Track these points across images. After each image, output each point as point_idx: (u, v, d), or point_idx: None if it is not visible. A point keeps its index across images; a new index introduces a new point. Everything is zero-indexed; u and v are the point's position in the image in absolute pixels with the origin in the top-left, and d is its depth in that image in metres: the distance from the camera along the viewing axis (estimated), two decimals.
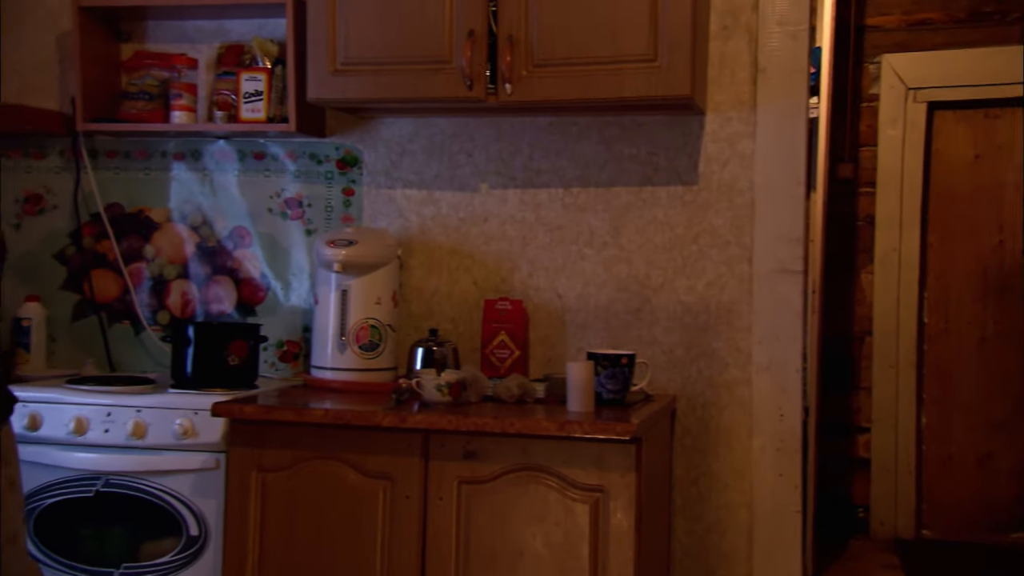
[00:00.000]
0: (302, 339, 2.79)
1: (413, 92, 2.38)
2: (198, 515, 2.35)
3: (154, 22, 2.80)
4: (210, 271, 2.85)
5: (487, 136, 2.68)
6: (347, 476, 2.20)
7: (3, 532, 1.80)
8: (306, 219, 2.79)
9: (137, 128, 2.72)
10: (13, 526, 1.83)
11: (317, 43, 2.41)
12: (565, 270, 2.65)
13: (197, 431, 2.35)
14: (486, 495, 2.14)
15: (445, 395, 2.27)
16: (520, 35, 2.30)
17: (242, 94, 2.62)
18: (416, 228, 2.73)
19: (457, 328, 2.69)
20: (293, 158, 2.79)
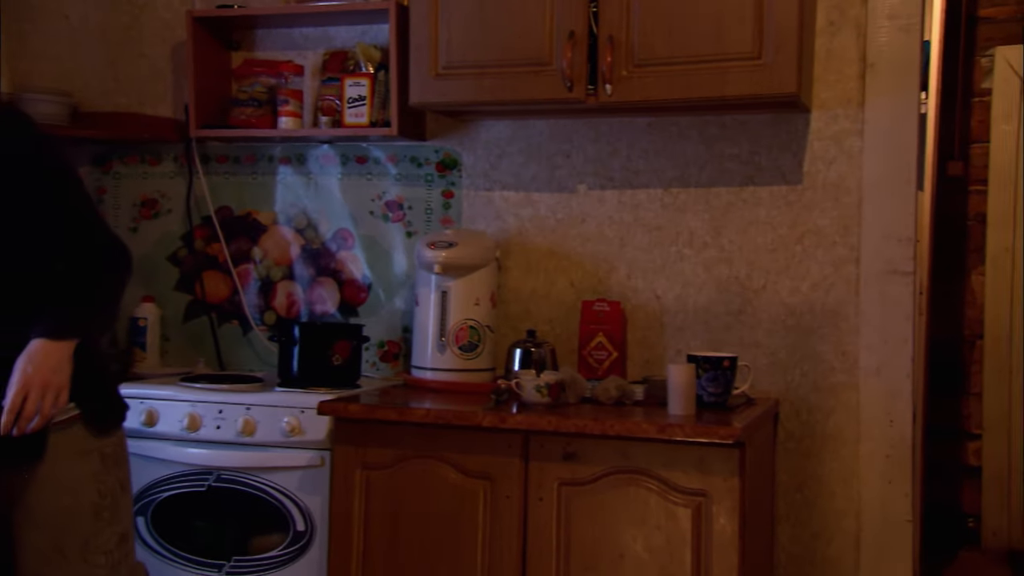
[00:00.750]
0: (402, 339, 2.84)
1: (513, 94, 2.39)
2: (304, 511, 2.41)
3: (263, 30, 2.89)
4: (314, 272, 2.92)
5: (585, 137, 2.68)
6: (448, 475, 2.23)
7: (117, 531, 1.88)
8: (406, 221, 2.84)
9: (246, 134, 2.80)
10: (125, 526, 1.91)
11: (419, 48, 2.44)
12: (664, 271, 2.62)
13: (303, 429, 2.41)
14: (586, 497, 2.14)
15: (544, 396, 2.28)
16: (621, 35, 2.29)
17: (346, 99, 2.68)
18: (514, 230, 2.75)
19: (554, 329, 2.69)
20: (394, 161, 2.84)
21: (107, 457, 1.88)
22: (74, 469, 1.82)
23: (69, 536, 1.82)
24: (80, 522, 1.83)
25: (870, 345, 2.45)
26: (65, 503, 1.81)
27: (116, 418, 1.93)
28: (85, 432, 1.84)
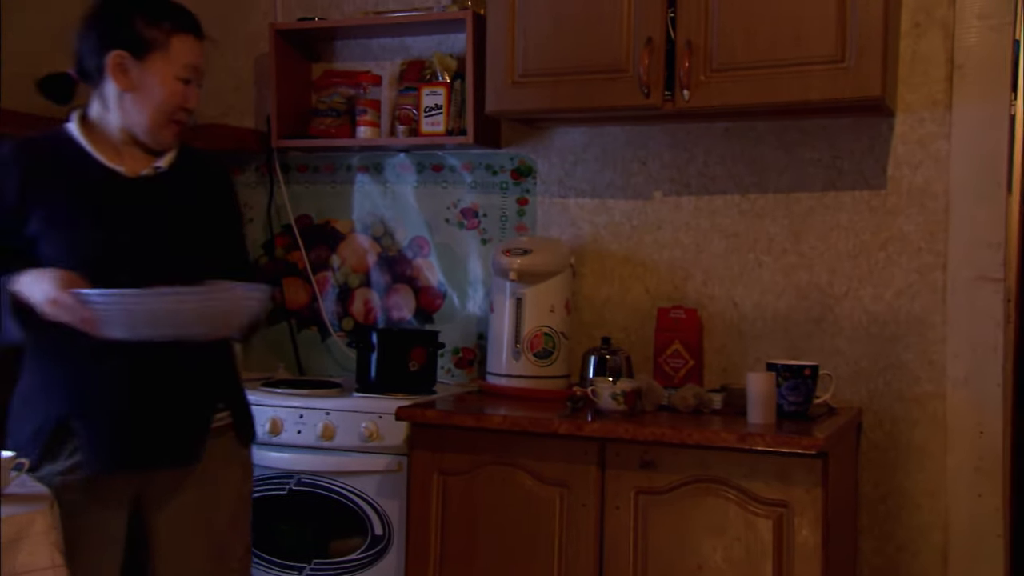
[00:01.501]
0: (477, 346, 2.86)
1: (589, 101, 2.39)
2: (382, 515, 2.44)
3: (342, 42, 2.94)
4: (390, 280, 2.96)
5: (661, 143, 2.66)
6: (524, 482, 2.23)
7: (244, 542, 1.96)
8: (481, 229, 2.86)
9: (325, 144, 2.86)
10: (249, 537, 1.99)
11: (496, 56, 2.46)
12: (742, 278, 2.59)
13: (381, 434, 2.44)
14: (664, 506, 2.12)
15: (620, 404, 2.27)
16: (699, 40, 2.27)
17: (423, 108, 2.71)
18: (589, 236, 2.74)
19: (629, 337, 2.68)
20: (469, 169, 2.86)
21: (246, 467, 1.97)
22: (221, 476, 1.89)
23: (210, 542, 1.88)
24: (219, 529, 1.89)
25: (958, 354, 2.38)
26: (210, 509, 1.88)
27: (254, 430, 2.01)
28: (234, 440, 1.93)
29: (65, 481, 1.74)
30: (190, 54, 1.83)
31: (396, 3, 2.85)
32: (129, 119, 1.81)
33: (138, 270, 1.76)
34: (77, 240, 1.77)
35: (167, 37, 1.80)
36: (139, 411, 1.78)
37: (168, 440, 1.81)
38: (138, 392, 1.78)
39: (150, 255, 1.80)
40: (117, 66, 1.78)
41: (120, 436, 1.77)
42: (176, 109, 1.83)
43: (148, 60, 1.79)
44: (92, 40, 1.81)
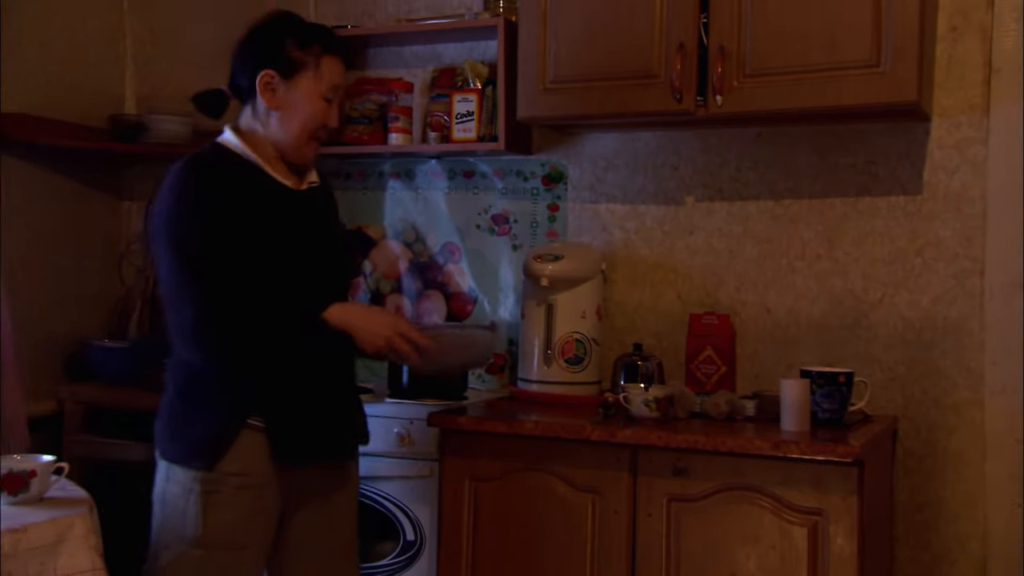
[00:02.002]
0: (508, 352, 2.86)
1: (621, 107, 2.39)
2: (414, 521, 2.45)
3: (374, 49, 2.96)
4: (422, 285, 2.97)
5: (693, 149, 2.65)
6: (556, 488, 2.23)
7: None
8: (512, 235, 2.86)
9: (358, 150, 2.87)
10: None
11: (527, 62, 2.47)
12: (775, 284, 2.57)
13: (413, 440, 2.45)
14: (696, 513, 2.11)
15: (653, 410, 2.26)
16: (732, 46, 2.27)
17: (454, 115, 2.72)
18: (620, 242, 2.74)
19: (661, 343, 2.67)
20: (500, 175, 2.87)
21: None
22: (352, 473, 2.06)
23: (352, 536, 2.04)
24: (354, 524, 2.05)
25: (996, 361, 2.35)
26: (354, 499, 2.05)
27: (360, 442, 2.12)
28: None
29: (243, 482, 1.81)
30: (336, 75, 1.91)
31: (428, 11, 2.87)
32: (275, 135, 1.90)
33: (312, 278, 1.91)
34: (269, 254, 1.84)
35: (317, 59, 1.89)
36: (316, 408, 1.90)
37: (342, 432, 1.98)
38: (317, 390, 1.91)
39: (321, 267, 1.94)
40: (266, 85, 1.87)
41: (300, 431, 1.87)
42: (319, 127, 1.91)
43: (295, 80, 1.88)
44: (245, 59, 1.91)
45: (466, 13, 2.78)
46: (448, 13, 2.81)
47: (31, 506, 1.56)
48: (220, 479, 1.79)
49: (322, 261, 1.95)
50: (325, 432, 1.94)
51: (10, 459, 1.61)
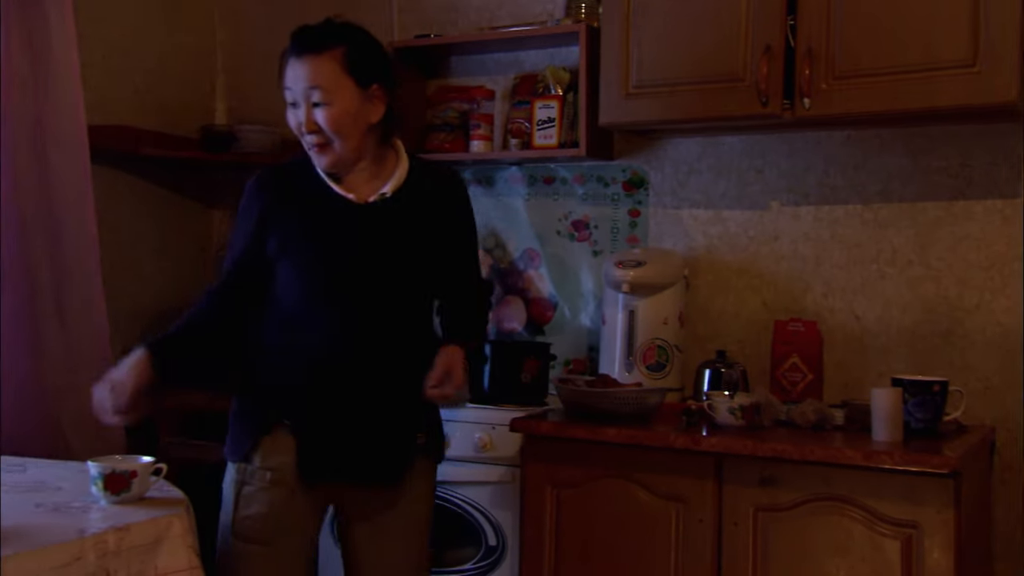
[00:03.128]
0: (588, 358, 2.85)
1: (705, 111, 2.37)
2: (496, 526, 2.45)
3: (457, 58, 2.99)
4: (502, 291, 2.98)
5: (779, 152, 2.61)
6: (639, 496, 2.21)
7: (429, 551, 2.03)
8: (592, 240, 2.86)
9: (440, 158, 2.89)
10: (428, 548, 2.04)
11: (610, 68, 2.46)
12: (864, 290, 2.51)
13: (495, 445, 2.46)
14: (784, 523, 2.07)
15: (738, 418, 2.23)
16: (820, 48, 2.22)
17: (535, 121, 2.73)
18: (702, 248, 2.71)
19: (744, 350, 2.63)
20: (581, 181, 2.87)
21: (432, 484, 2.00)
22: (415, 493, 1.94)
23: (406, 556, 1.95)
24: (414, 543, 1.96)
25: None
26: (405, 525, 1.93)
27: (443, 454, 2.03)
28: (427, 460, 1.96)
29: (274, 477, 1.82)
30: (292, 77, 1.79)
31: (510, 18, 2.88)
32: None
33: (360, 295, 1.83)
34: (304, 265, 1.83)
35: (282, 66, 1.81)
36: (348, 428, 1.84)
37: (372, 459, 1.87)
38: (350, 411, 1.84)
39: (372, 281, 1.84)
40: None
41: (327, 449, 1.84)
42: (299, 134, 1.82)
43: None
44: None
45: (548, 20, 2.78)
46: (530, 20, 2.82)
47: (132, 506, 1.61)
48: (253, 472, 1.82)
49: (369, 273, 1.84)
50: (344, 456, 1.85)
51: (112, 460, 1.66)
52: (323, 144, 1.80)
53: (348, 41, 1.80)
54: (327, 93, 1.77)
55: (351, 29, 1.84)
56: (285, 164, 1.93)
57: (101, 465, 1.60)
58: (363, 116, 1.80)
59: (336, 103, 1.78)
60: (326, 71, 1.77)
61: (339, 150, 1.80)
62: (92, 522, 1.50)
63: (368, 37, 1.86)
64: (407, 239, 1.87)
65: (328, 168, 1.84)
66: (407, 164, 1.90)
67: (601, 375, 2.51)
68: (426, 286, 1.92)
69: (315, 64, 1.76)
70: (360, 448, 1.85)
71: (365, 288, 1.83)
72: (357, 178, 1.86)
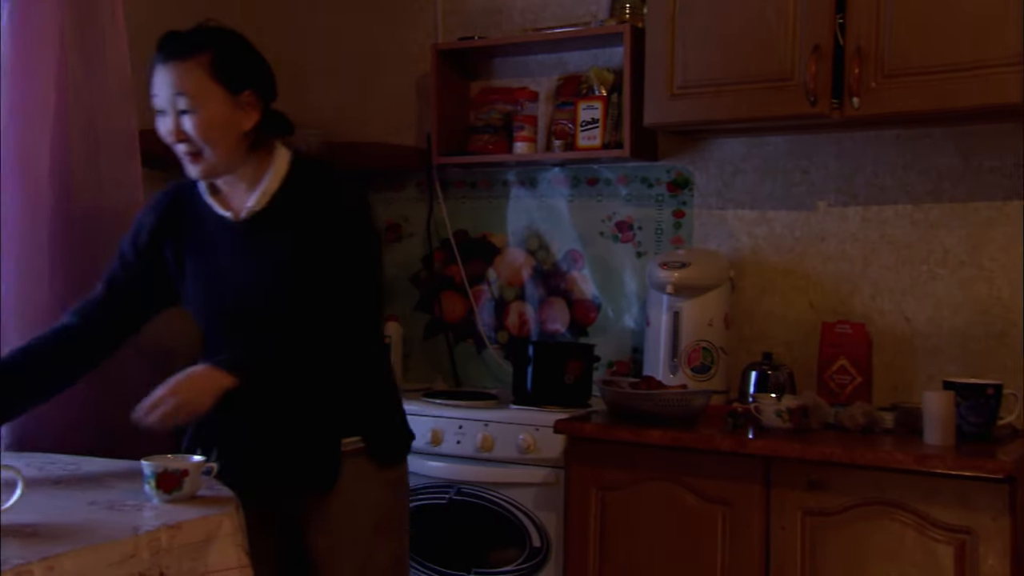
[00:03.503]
0: (631, 359, 2.84)
1: (752, 111, 2.35)
2: (540, 527, 2.45)
3: (500, 59, 2.99)
4: (545, 293, 2.98)
5: (826, 153, 2.58)
6: (685, 499, 2.20)
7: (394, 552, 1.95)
8: (636, 241, 2.84)
9: (484, 159, 2.91)
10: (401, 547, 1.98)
11: (655, 69, 2.45)
12: (913, 291, 2.47)
13: (538, 446, 2.46)
14: (834, 528, 2.05)
15: (785, 421, 2.21)
16: (870, 46, 2.19)
17: (579, 123, 2.72)
18: (748, 249, 2.68)
19: (791, 352, 2.60)
20: (625, 182, 2.86)
21: (389, 485, 1.93)
22: (358, 495, 1.86)
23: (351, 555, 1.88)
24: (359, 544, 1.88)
25: None
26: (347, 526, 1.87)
27: (401, 450, 1.96)
28: (369, 463, 1.87)
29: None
30: (156, 85, 1.73)
31: (554, 19, 2.88)
32: None
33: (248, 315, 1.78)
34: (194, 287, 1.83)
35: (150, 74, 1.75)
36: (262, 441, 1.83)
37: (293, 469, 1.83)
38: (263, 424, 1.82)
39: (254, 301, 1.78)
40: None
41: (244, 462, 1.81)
42: (170, 143, 1.74)
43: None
44: None
45: (592, 21, 2.78)
46: (574, 21, 2.81)
47: (183, 504, 1.62)
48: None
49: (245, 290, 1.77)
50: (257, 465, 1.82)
51: (164, 459, 1.68)
52: (194, 153, 1.74)
53: (216, 46, 1.73)
54: (193, 100, 1.70)
55: (221, 33, 1.77)
56: (182, 183, 1.89)
57: (154, 464, 1.62)
58: (234, 124, 1.73)
59: (203, 110, 1.70)
60: (192, 77, 1.70)
61: (210, 159, 1.73)
62: (145, 520, 1.52)
63: (240, 42, 1.78)
64: (278, 255, 1.76)
65: (201, 177, 1.79)
66: (282, 172, 1.79)
67: (645, 377, 2.49)
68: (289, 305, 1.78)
69: (181, 70, 1.70)
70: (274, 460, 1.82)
71: (250, 308, 1.78)
72: (234, 191, 1.81)
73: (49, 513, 1.49)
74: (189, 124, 1.71)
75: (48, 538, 1.37)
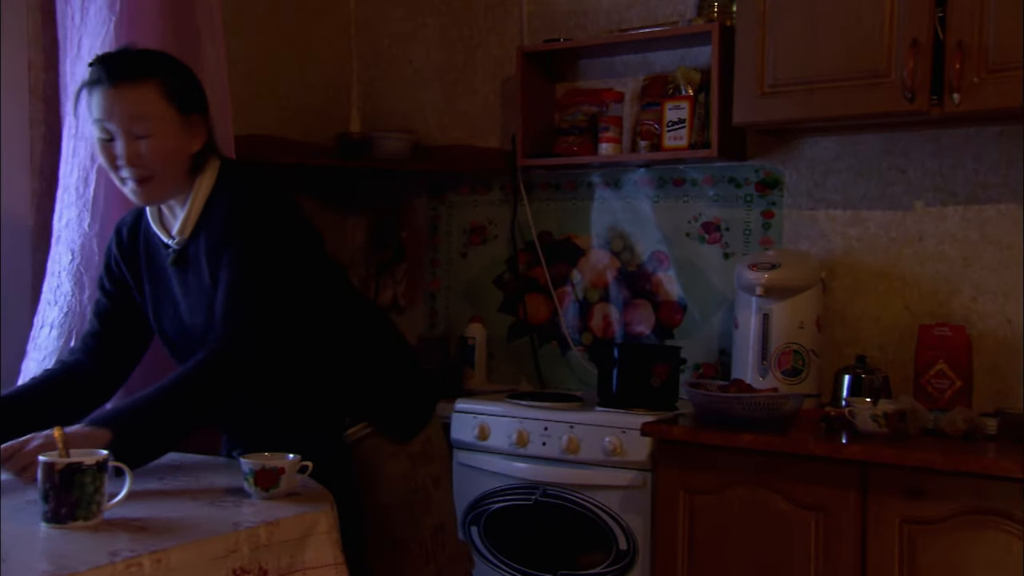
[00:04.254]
0: (718, 362, 2.80)
1: (846, 109, 2.29)
2: (627, 530, 2.44)
3: (585, 61, 2.98)
4: (629, 294, 2.96)
5: (923, 151, 2.50)
6: (777, 504, 2.16)
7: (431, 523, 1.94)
8: (723, 243, 2.80)
9: (569, 161, 2.90)
10: (440, 518, 1.96)
11: (744, 67, 2.41)
12: (1017, 293, 2.38)
13: (625, 449, 2.44)
14: (934, 537, 1.98)
15: (882, 426, 2.15)
16: (972, 40, 2.12)
17: (665, 123, 2.70)
18: (840, 250, 2.62)
19: (886, 355, 2.53)
20: (711, 183, 2.82)
21: (415, 456, 1.90)
22: (384, 473, 1.88)
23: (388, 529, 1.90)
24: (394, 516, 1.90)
25: None
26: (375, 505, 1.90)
27: (418, 422, 1.93)
28: (384, 441, 1.88)
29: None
30: (103, 110, 1.66)
31: (639, 20, 2.86)
32: None
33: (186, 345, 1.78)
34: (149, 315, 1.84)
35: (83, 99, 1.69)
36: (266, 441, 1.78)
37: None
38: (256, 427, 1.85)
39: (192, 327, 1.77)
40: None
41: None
42: (113, 169, 1.69)
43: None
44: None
45: (679, 20, 2.75)
46: (660, 21, 2.79)
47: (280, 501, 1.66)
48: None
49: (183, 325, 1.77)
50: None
51: (262, 456, 1.71)
52: (146, 178, 1.68)
53: (166, 69, 1.71)
54: (150, 123, 1.66)
55: (164, 57, 1.76)
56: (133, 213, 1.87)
57: (252, 461, 1.66)
58: (185, 146, 1.70)
59: (159, 134, 1.67)
60: (148, 101, 1.66)
61: (161, 183, 1.70)
62: (245, 516, 1.55)
63: (180, 64, 1.76)
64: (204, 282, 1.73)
65: (148, 202, 1.75)
66: (205, 193, 1.74)
67: (735, 380, 2.46)
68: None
69: (134, 93, 1.65)
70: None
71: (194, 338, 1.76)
72: (173, 215, 1.78)
73: (154, 508, 1.54)
74: (145, 148, 1.66)
75: (155, 532, 1.41)
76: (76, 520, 1.41)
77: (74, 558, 1.27)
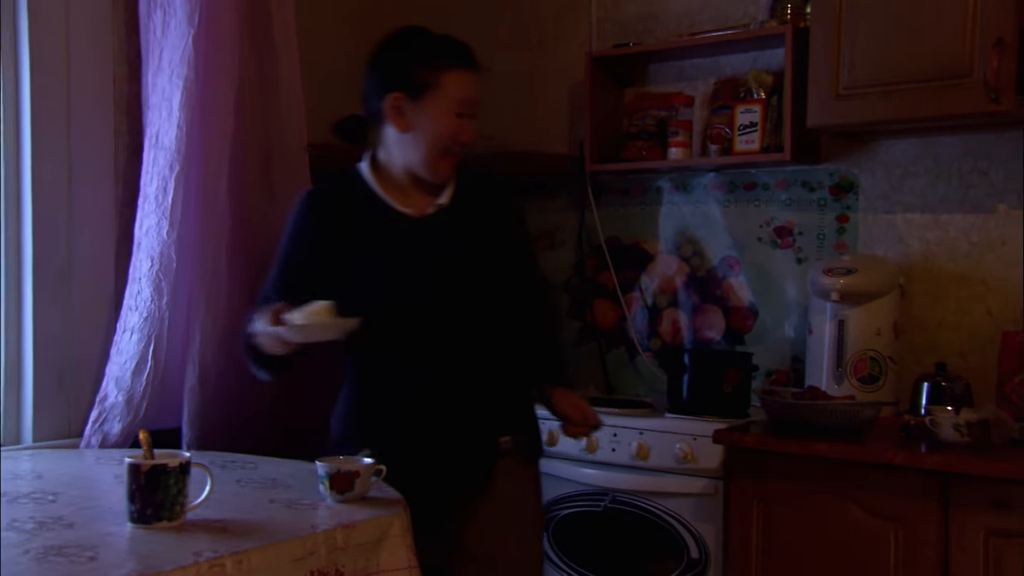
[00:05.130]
0: (791, 369, 2.75)
1: (926, 110, 2.23)
2: (698, 539, 2.41)
3: (655, 65, 2.96)
4: (699, 300, 2.92)
5: (1007, 152, 2.43)
6: (853, 514, 2.11)
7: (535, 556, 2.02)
8: (796, 247, 2.76)
9: (638, 166, 2.88)
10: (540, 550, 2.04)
11: (819, 69, 2.36)
12: None
13: (696, 456, 2.41)
14: (1021, 551, 1.92)
15: (964, 436, 2.09)
16: None
17: (736, 126, 2.66)
18: (918, 254, 2.56)
19: (967, 362, 2.46)
20: (784, 186, 2.77)
21: (532, 481, 2.02)
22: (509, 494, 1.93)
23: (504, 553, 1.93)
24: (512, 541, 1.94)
25: None
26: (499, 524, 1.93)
27: (540, 447, 2.06)
28: (515, 461, 1.96)
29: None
30: (463, 89, 1.84)
31: (709, 23, 2.83)
32: (407, 158, 1.86)
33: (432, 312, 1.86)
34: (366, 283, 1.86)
35: (441, 75, 1.82)
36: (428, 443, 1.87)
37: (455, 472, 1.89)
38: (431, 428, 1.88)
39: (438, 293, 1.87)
40: (393, 108, 1.84)
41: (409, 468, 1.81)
42: (451, 143, 1.85)
43: (423, 100, 1.82)
44: (373, 83, 1.88)
45: (751, 23, 2.71)
46: (731, 24, 2.76)
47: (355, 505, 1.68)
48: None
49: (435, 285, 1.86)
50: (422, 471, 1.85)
51: (336, 460, 1.74)
52: (458, 155, 1.88)
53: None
54: (476, 108, 1.89)
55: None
56: (331, 184, 1.95)
57: (328, 465, 1.68)
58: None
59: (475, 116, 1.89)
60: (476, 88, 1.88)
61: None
62: (321, 519, 1.57)
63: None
64: (465, 249, 1.90)
65: (448, 178, 1.91)
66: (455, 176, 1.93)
67: (810, 387, 2.41)
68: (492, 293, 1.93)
69: (473, 80, 1.87)
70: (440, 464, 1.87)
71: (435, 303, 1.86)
72: (421, 192, 1.90)
73: (234, 510, 1.58)
74: (469, 128, 1.87)
75: (236, 534, 1.44)
76: (161, 520, 1.45)
77: (160, 557, 1.31)
